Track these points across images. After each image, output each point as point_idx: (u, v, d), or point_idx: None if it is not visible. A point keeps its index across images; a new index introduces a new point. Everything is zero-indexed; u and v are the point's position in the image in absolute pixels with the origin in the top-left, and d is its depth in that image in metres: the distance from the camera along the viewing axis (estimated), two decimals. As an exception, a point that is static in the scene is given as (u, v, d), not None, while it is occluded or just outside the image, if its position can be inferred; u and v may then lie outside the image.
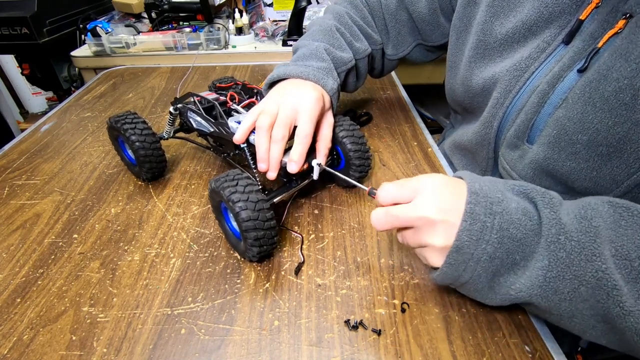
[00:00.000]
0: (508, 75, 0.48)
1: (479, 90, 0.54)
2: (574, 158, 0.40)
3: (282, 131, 0.47)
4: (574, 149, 0.39)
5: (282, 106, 0.49)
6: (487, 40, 0.51)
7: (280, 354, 0.37)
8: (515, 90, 0.47)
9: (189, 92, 0.57)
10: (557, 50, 0.44)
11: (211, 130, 0.55)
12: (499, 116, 0.50)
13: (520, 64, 0.47)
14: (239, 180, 0.42)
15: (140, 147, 0.54)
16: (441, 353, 0.37)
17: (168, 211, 0.55)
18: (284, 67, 0.56)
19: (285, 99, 0.50)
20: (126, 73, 1.04)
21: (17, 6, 1.11)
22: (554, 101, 0.42)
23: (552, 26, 0.44)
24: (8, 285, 0.44)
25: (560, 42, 0.44)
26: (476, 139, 0.55)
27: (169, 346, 0.38)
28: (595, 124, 0.38)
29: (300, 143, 0.48)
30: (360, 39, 0.65)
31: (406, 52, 0.69)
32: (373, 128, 0.75)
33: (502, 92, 0.49)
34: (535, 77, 0.46)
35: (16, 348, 0.38)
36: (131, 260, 0.47)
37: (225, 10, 1.31)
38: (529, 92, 0.46)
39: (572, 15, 0.43)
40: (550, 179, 0.44)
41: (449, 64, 0.61)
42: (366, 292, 0.42)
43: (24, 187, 0.60)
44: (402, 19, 0.66)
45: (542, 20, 0.45)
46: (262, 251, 0.43)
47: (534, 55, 0.45)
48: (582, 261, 0.31)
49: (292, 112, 0.49)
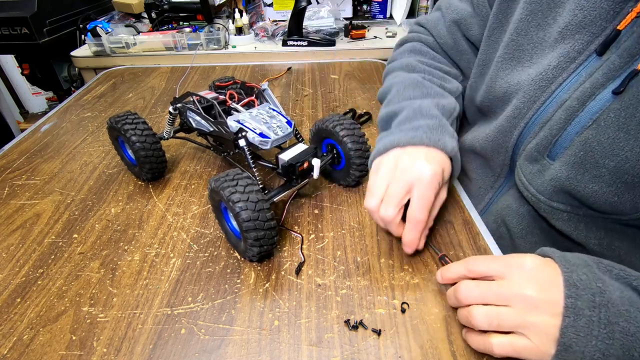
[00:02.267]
0: (533, 84, 0.45)
1: (499, 95, 0.50)
2: (597, 181, 0.38)
3: (391, 210, 0.42)
4: (599, 173, 0.38)
5: (392, 183, 0.43)
6: (520, 41, 0.47)
7: (280, 354, 0.37)
8: (540, 102, 0.44)
9: (188, 91, 0.57)
10: (589, 62, 0.40)
11: (211, 130, 0.55)
12: (520, 126, 0.47)
13: (547, 74, 0.43)
14: (239, 180, 0.42)
15: (140, 148, 0.54)
16: (441, 353, 0.37)
17: (168, 211, 0.55)
18: (389, 137, 0.48)
19: (396, 175, 0.43)
20: (126, 73, 1.04)
21: (17, 6, 1.11)
22: (583, 120, 0.40)
23: (584, 32, 0.40)
24: (8, 285, 0.44)
25: (593, 52, 0.40)
26: (492, 145, 0.52)
27: (169, 346, 0.38)
28: (625, 151, 0.36)
29: (413, 229, 0.42)
30: (447, 79, 0.60)
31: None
32: (373, 128, 0.75)
33: (526, 101, 0.45)
34: (562, 89, 0.42)
35: (16, 348, 0.38)
36: (131, 260, 0.47)
37: (225, 10, 1.31)
38: (555, 105, 0.43)
39: (609, 22, 0.38)
40: (569, 197, 0.42)
41: (478, 62, 0.57)
42: (366, 292, 0.42)
43: (24, 187, 0.60)
44: (463, 49, 0.61)
45: (574, 24, 0.41)
46: (262, 251, 0.43)
47: (562, 64, 0.42)
48: None
49: (402, 190, 0.42)
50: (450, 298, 0.39)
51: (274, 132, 0.50)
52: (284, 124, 0.51)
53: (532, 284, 0.33)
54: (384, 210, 0.42)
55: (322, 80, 0.96)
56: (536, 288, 0.32)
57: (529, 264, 0.34)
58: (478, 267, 0.36)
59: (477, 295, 0.35)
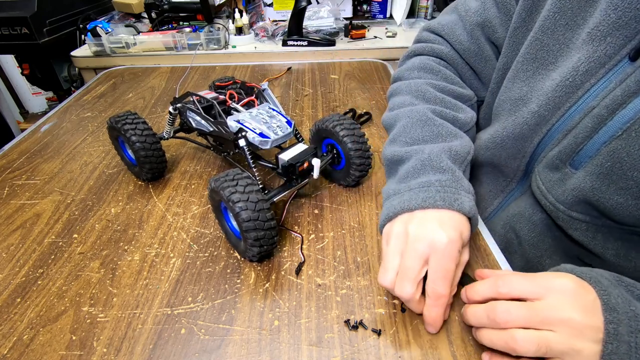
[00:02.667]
0: (558, 90, 0.42)
1: (516, 96, 0.47)
2: (623, 193, 0.36)
3: (408, 288, 0.37)
4: (626, 185, 0.36)
5: (405, 255, 0.38)
6: (544, 40, 0.44)
7: (280, 354, 0.37)
8: (564, 108, 0.42)
9: (188, 91, 0.57)
10: (620, 67, 0.37)
11: (210, 130, 0.55)
12: (542, 133, 0.44)
13: (574, 79, 0.40)
14: (239, 180, 0.42)
15: (140, 148, 0.54)
16: (441, 353, 0.37)
17: (168, 211, 0.55)
18: (397, 198, 0.42)
19: (409, 245, 0.38)
20: (126, 73, 1.04)
21: (17, 6, 1.11)
22: (611, 129, 0.37)
23: (616, 34, 0.37)
24: (8, 285, 0.44)
25: (625, 57, 0.37)
26: (508, 152, 0.49)
27: (169, 346, 0.38)
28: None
29: (434, 305, 0.37)
30: (461, 109, 0.54)
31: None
32: (373, 128, 0.75)
33: (549, 107, 0.43)
34: (590, 95, 0.40)
35: (16, 348, 0.38)
36: (131, 260, 0.47)
37: (225, 10, 1.31)
38: (581, 112, 0.40)
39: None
40: (591, 208, 0.40)
41: (499, 66, 0.53)
42: (366, 292, 0.42)
43: (24, 187, 0.60)
44: (488, 55, 0.56)
45: (605, 25, 0.38)
46: (262, 251, 0.43)
47: (592, 70, 0.39)
48: None
49: (418, 263, 0.37)
50: (478, 318, 0.35)
51: (274, 132, 0.50)
52: (284, 123, 0.51)
53: (576, 307, 0.31)
54: (399, 288, 0.37)
55: (322, 80, 0.96)
56: (580, 312, 0.31)
57: (568, 286, 0.32)
58: (510, 288, 0.34)
59: (520, 318, 0.32)
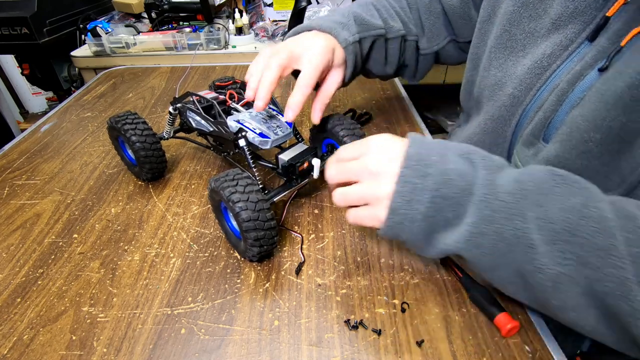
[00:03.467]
0: (529, 73, 0.46)
1: (493, 82, 0.52)
2: (585, 157, 0.39)
3: (279, 60, 0.47)
4: (587, 147, 0.39)
5: (288, 47, 0.49)
6: (512, 31, 0.49)
7: (280, 354, 0.37)
8: (535, 89, 0.46)
9: (188, 91, 0.57)
10: (581, 48, 0.42)
11: (210, 130, 0.55)
12: (518, 113, 0.48)
13: (542, 62, 0.45)
14: (239, 180, 0.42)
15: (140, 148, 0.54)
16: (441, 353, 0.37)
17: (168, 211, 0.55)
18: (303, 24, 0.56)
19: (294, 44, 0.50)
20: (126, 73, 1.04)
21: (17, 6, 1.11)
22: (572, 100, 0.42)
23: (576, 21, 0.42)
24: (8, 285, 0.44)
25: (585, 39, 0.42)
26: (491, 138, 0.53)
27: (169, 346, 0.38)
28: (608, 122, 0.37)
29: (298, 92, 0.47)
30: (395, 20, 0.63)
31: (440, 47, 0.67)
32: (373, 128, 0.75)
33: (522, 89, 0.47)
34: (556, 75, 0.44)
35: (16, 348, 0.38)
36: (131, 260, 0.47)
37: (225, 10, 1.31)
38: (549, 90, 0.45)
39: (599, 10, 0.41)
40: None
41: (470, 56, 0.59)
42: (366, 292, 0.42)
43: (24, 187, 0.60)
44: (435, 10, 0.65)
45: (566, 15, 0.43)
46: (262, 251, 0.43)
47: (556, 52, 0.44)
48: (504, 219, 0.33)
49: (296, 54, 0.48)
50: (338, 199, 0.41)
51: (274, 132, 0.50)
52: (284, 123, 0.51)
53: (377, 159, 0.38)
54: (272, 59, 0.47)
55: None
56: (379, 162, 0.37)
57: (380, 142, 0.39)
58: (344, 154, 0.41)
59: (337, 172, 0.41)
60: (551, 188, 0.33)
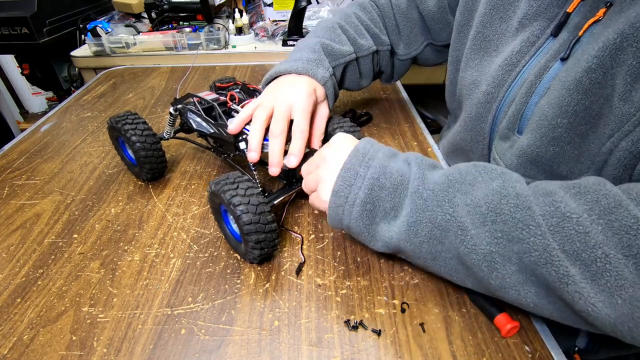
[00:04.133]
0: (500, 70, 0.49)
1: (469, 82, 0.55)
2: (556, 142, 0.41)
3: (281, 125, 0.49)
4: (556, 133, 0.41)
5: (276, 103, 0.51)
6: (485, 33, 0.52)
7: (280, 354, 0.37)
8: (507, 84, 0.48)
9: (189, 92, 0.57)
10: (546, 44, 0.45)
11: (211, 131, 0.55)
12: (493, 109, 0.50)
13: (511, 59, 0.48)
14: (240, 183, 0.42)
15: (140, 148, 0.54)
16: (441, 353, 0.37)
17: (168, 211, 0.55)
18: (278, 65, 0.58)
19: (279, 97, 0.52)
20: (126, 73, 1.04)
21: (17, 6, 1.11)
22: (539, 91, 0.44)
23: (540, 19, 0.46)
24: (8, 285, 0.44)
25: (549, 35, 0.45)
26: (471, 135, 0.56)
27: (169, 346, 0.38)
28: (572, 106, 0.39)
29: (298, 138, 0.49)
30: (365, 37, 0.65)
31: (418, 51, 0.70)
32: (373, 128, 0.75)
33: (495, 86, 0.50)
34: (525, 70, 0.47)
35: (16, 348, 0.38)
36: (131, 260, 0.47)
37: (225, 10, 1.31)
38: (519, 84, 0.47)
39: (560, 8, 0.44)
40: (535, 167, 0.44)
41: (451, 59, 0.62)
42: (366, 292, 0.42)
43: (24, 187, 0.60)
44: (413, 17, 0.67)
45: (531, 13, 0.46)
46: (263, 254, 0.43)
47: (524, 49, 0.47)
48: (435, 207, 0.36)
49: (287, 108, 0.51)
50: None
51: (274, 132, 0.50)
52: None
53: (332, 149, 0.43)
54: (274, 125, 0.49)
55: (322, 80, 0.96)
56: (332, 152, 0.43)
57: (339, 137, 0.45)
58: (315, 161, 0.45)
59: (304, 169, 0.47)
60: (474, 177, 0.36)
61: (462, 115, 0.58)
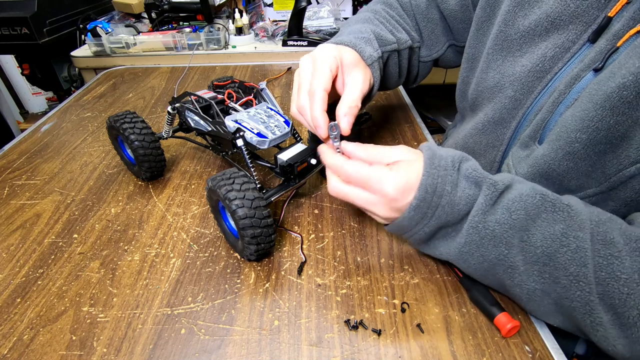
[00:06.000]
0: (530, 75, 0.46)
1: (491, 85, 0.51)
2: (571, 158, 0.39)
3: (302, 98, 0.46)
4: (572, 148, 0.39)
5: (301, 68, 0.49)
6: (507, 32, 0.48)
7: (280, 354, 0.37)
8: (537, 92, 0.45)
9: (186, 91, 0.57)
10: (582, 50, 0.42)
11: (209, 129, 0.55)
12: (518, 117, 0.48)
13: (543, 65, 0.44)
14: (236, 178, 0.42)
15: (139, 147, 0.54)
16: (441, 353, 0.37)
17: (168, 211, 0.55)
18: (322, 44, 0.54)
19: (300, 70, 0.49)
20: (126, 73, 1.04)
21: (17, 6, 1.11)
22: (567, 101, 0.41)
23: (577, 22, 0.41)
24: (8, 285, 0.44)
25: (586, 41, 0.41)
26: (488, 139, 0.53)
27: (169, 346, 0.38)
28: (595, 122, 0.36)
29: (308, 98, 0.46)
30: (400, 31, 0.62)
31: (440, 53, 0.66)
32: (373, 128, 0.75)
33: (523, 92, 0.47)
34: (557, 77, 0.44)
35: (16, 348, 0.38)
36: (131, 260, 0.47)
37: (225, 10, 1.31)
38: (549, 92, 0.44)
39: (600, 11, 0.40)
40: (545, 180, 0.43)
41: (466, 56, 0.58)
42: (366, 292, 0.42)
43: (24, 187, 0.60)
44: (433, 17, 0.63)
45: (567, 14, 0.42)
46: (259, 249, 0.43)
47: (558, 55, 0.43)
48: (490, 246, 0.37)
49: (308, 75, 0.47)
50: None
51: (272, 131, 0.50)
52: (282, 123, 0.51)
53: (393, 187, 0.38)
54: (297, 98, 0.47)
55: (322, 80, 0.96)
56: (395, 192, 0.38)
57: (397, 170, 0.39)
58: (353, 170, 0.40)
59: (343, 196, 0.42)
60: (539, 213, 0.35)
61: (480, 117, 0.54)
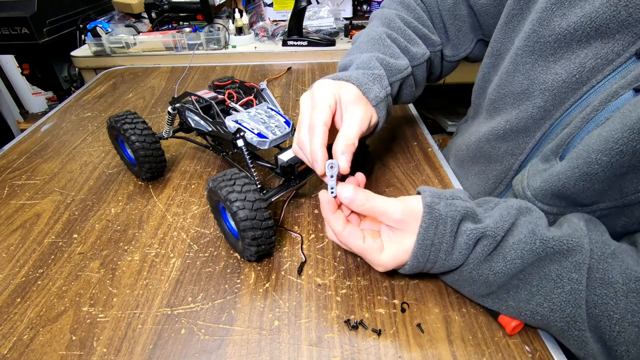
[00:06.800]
0: (564, 86, 0.42)
1: (518, 90, 0.47)
2: (587, 179, 0.36)
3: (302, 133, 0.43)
4: (591, 169, 0.35)
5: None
6: (541, 32, 0.43)
7: (280, 354, 0.37)
8: (568, 103, 0.42)
9: (186, 91, 0.57)
10: (626, 65, 0.37)
11: (209, 130, 0.55)
12: (544, 128, 0.45)
13: (581, 76, 0.40)
14: (237, 179, 0.42)
15: (139, 147, 0.54)
16: (441, 353, 0.37)
17: (168, 211, 0.55)
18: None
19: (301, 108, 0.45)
20: (126, 73, 1.04)
21: (17, 6, 1.11)
22: (598, 119, 0.38)
23: (626, 32, 0.37)
24: (8, 285, 0.44)
25: (633, 55, 0.37)
26: (507, 147, 0.49)
27: (168, 346, 0.38)
28: (620, 145, 0.33)
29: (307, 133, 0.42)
30: (416, 43, 0.58)
31: (468, 52, 0.62)
32: (373, 128, 0.74)
33: (554, 103, 0.43)
34: (593, 92, 0.40)
35: (16, 348, 0.38)
36: (131, 260, 0.47)
37: (225, 10, 1.31)
38: (582, 107, 0.40)
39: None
40: (556, 198, 0.40)
41: (490, 50, 0.53)
42: (366, 291, 0.42)
43: (24, 187, 0.60)
44: (461, 14, 0.59)
45: (615, 22, 0.37)
46: (260, 250, 0.43)
47: (598, 67, 0.39)
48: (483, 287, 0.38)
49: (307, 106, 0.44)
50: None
51: (272, 132, 0.50)
52: (282, 123, 0.51)
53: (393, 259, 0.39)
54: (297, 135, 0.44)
55: (322, 80, 0.96)
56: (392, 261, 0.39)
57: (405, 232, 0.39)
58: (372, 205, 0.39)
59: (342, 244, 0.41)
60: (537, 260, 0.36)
61: (500, 122, 0.50)
